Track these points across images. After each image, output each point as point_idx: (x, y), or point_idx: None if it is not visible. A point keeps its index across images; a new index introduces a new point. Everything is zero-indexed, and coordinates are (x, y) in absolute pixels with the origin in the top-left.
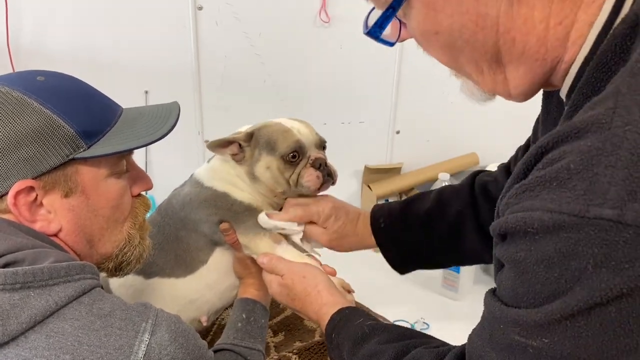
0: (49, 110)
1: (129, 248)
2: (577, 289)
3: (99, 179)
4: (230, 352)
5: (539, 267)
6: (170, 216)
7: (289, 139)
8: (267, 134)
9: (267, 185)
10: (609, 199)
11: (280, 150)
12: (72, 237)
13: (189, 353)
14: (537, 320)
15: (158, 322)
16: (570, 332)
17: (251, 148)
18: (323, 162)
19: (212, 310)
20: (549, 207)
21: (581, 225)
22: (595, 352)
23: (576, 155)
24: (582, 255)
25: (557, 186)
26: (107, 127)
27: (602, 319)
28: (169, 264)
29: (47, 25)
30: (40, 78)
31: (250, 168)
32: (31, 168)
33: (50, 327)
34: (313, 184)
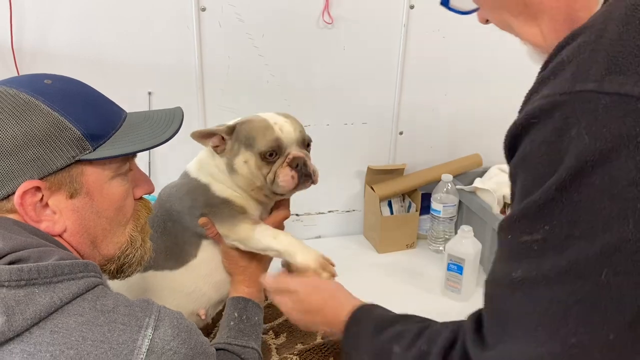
0: (56, 113)
1: (131, 250)
2: (566, 159)
3: (103, 181)
4: (225, 351)
5: (539, 151)
6: (157, 208)
7: (268, 136)
8: (248, 129)
9: (245, 179)
10: (591, 74)
11: (258, 147)
12: (76, 238)
13: (192, 348)
14: (538, 203)
15: (161, 318)
16: (565, 209)
17: (232, 141)
18: (301, 161)
19: (210, 303)
20: (545, 94)
21: (570, 100)
22: (587, 227)
23: (569, 51)
24: (571, 126)
25: (553, 78)
26: (112, 130)
27: (589, 186)
28: (160, 257)
29: (50, 26)
30: (48, 81)
31: (230, 161)
32: (38, 169)
33: (54, 322)
34: (287, 184)
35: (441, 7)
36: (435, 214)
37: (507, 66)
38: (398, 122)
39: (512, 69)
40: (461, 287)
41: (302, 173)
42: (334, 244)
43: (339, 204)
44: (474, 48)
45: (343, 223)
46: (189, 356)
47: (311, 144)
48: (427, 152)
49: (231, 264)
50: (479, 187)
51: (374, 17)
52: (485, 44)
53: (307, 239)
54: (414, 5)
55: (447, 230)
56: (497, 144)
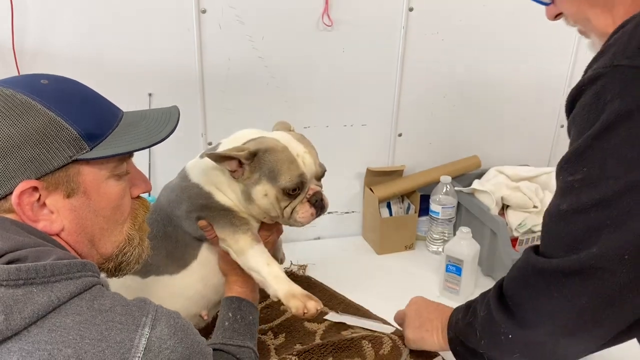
0: (52, 113)
1: (129, 249)
2: (602, 116)
3: (100, 180)
4: (220, 351)
5: (584, 111)
6: (158, 212)
7: (294, 171)
8: (272, 161)
9: (261, 210)
10: (626, 53)
11: (282, 183)
12: (73, 237)
13: (188, 347)
14: (578, 150)
15: (158, 317)
16: (598, 155)
17: (251, 169)
18: (319, 197)
19: (211, 304)
20: (594, 67)
21: (609, 73)
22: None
23: (616, 37)
24: (607, 91)
25: (601, 56)
26: (109, 130)
27: (616, 137)
28: (161, 261)
29: (51, 27)
30: (44, 81)
31: (247, 188)
32: (35, 169)
33: (52, 321)
34: (306, 221)
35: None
36: (434, 215)
37: (504, 70)
38: (397, 124)
39: (510, 73)
40: (459, 288)
41: (320, 207)
42: (332, 245)
43: (338, 205)
44: (472, 51)
45: (342, 224)
46: (186, 355)
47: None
48: (426, 153)
49: (226, 265)
50: (478, 188)
51: (374, 19)
52: (483, 48)
53: (306, 240)
54: (413, 8)
55: (445, 232)
56: (495, 146)
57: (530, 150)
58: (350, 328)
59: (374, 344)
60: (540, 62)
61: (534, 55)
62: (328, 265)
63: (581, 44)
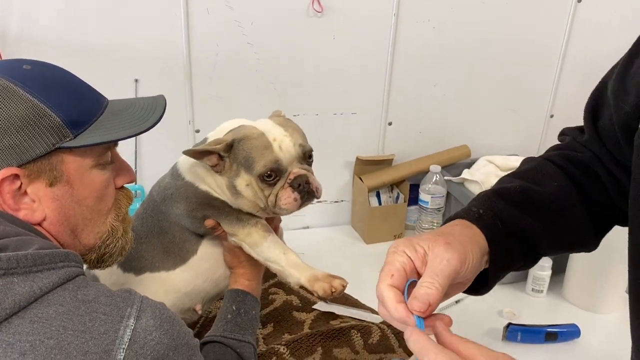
0: (35, 99)
1: (112, 240)
2: None
3: (83, 170)
4: (220, 344)
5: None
6: (152, 208)
7: (267, 157)
8: (246, 149)
9: (249, 202)
10: None
11: (257, 169)
12: (55, 227)
13: (174, 339)
14: None
15: (143, 308)
16: None
17: (230, 160)
18: (303, 180)
19: (207, 298)
20: None
21: None
22: None
23: None
24: None
25: None
26: (93, 118)
27: None
28: (157, 257)
29: (36, 12)
30: (27, 67)
31: (231, 182)
32: (17, 156)
33: (34, 312)
34: (290, 207)
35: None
36: (423, 204)
37: (496, 58)
38: (387, 113)
39: (501, 60)
40: None
41: (305, 191)
42: (321, 234)
43: (327, 195)
44: (463, 39)
45: (331, 213)
46: (172, 347)
47: (313, 155)
48: (416, 143)
49: (233, 258)
50: (467, 178)
51: (364, 6)
52: (475, 36)
53: (295, 229)
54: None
55: (434, 221)
56: (485, 135)
57: (520, 140)
58: (339, 317)
59: (362, 334)
60: (530, 54)
61: (525, 46)
62: (316, 255)
63: (572, 35)
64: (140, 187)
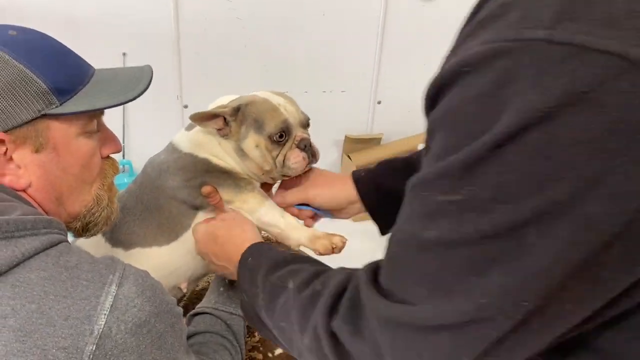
0: (21, 65)
1: (97, 209)
2: (504, 116)
3: (70, 137)
4: (211, 315)
5: (471, 104)
6: (146, 185)
7: (277, 118)
8: (255, 112)
9: (256, 163)
10: (542, 20)
11: (267, 130)
12: (41, 194)
13: (157, 306)
14: (465, 162)
15: (125, 275)
16: (495, 170)
17: (237, 124)
18: (308, 142)
19: (194, 276)
20: (485, 39)
21: (516, 49)
22: (516, 189)
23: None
24: (515, 78)
25: (493, 21)
26: (79, 86)
27: (526, 146)
28: (150, 233)
29: None
30: (12, 32)
31: (238, 144)
32: (2, 121)
33: (15, 277)
34: (299, 166)
35: None
36: None
37: None
38: (377, 91)
39: None
40: None
41: (310, 153)
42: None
43: None
44: (455, 17)
45: None
46: (154, 314)
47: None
48: (405, 122)
49: None
50: None
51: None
52: (467, 10)
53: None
54: None
55: None
56: None
57: None
58: None
59: None
60: None
61: None
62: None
63: None
64: (129, 162)
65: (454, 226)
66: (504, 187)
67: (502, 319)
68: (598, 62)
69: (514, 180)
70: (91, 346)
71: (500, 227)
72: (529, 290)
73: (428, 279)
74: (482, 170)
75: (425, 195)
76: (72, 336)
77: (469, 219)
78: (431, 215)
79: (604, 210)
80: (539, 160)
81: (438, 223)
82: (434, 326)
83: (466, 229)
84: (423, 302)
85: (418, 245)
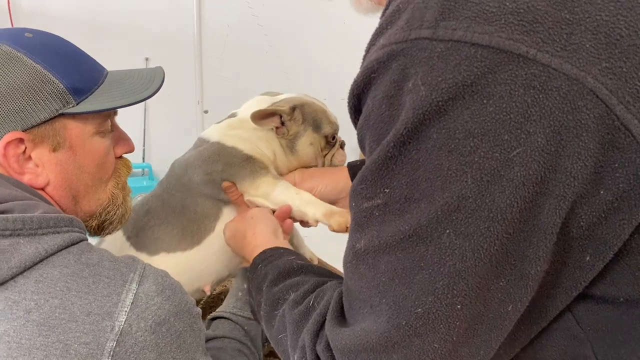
0: (39, 65)
1: (112, 207)
2: (403, 113)
3: (85, 136)
4: (228, 320)
5: (381, 107)
6: (172, 185)
7: (331, 120)
8: (313, 112)
9: (304, 160)
10: (425, 21)
11: (324, 130)
12: (58, 192)
13: (176, 305)
14: (377, 163)
15: (146, 274)
16: (404, 168)
17: (294, 122)
18: (344, 144)
19: (217, 279)
20: (382, 44)
21: (406, 49)
22: (426, 186)
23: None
24: (409, 76)
25: (390, 27)
26: (94, 86)
27: (427, 141)
28: (175, 238)
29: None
30: (29, 35)
31: (291, 142)
32: (21, 120)
33: (39, 272)
34: (343, 164)
35: None
36: None
37: None
38: None
39: None
40: None
41: None
42: None
43: None
44: None
45: None
46: (173, 313)
47: None
48: None
49: None
50: None
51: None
52: None
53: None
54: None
55: None
56: None
57: None
58: None
59: None
60: None
61: None
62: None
63: None
64: (148, 165)
65: (378, 232)
66: (415, 185)
67: (444, 328)
68: (477, 56)
69: (422, 176)
70: (112, 342)
71: (417, 226)
72: (458, 292)
73: (364, 294)
74: (393, 170)
75: (354, 205)
76: (93, 332)
77: (390, 221)
78: (361, 225)
79: (508, 202)
80: (441, 154)
81: (366, 232)
82: (382, 346)
83: (388, 232)
84: (365, 320)
85: (353, 259)
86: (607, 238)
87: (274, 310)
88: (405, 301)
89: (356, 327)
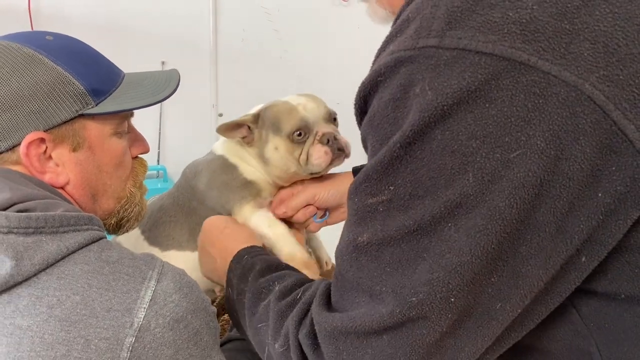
0: (60, 67)
1: (130, 205)
2: (410, 115)
3: (104, 137)
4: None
5: (386, 109)
6: (183, 186)
7: (293, 117)
8: (272, 114)
9: (279, 168)
10: (433, 30)
11: (285, 130)
12: (78, 191)
13: (193, 303)
14: (383, 162)
15: (164, 272)
16: (409, 167)
17: (259, 130)
18: (331, 136)
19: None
20: (392, 50)
21: (414, 56)
22: (430, 184)
23: (413, 7)
24: (416, 82)
25: (399, 35)
26: (112, 87)
27: (431, 142)
28: (184, 238)
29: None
30: (49, 37)
31: (261, 150)
32: (43, 120)
33: (61, 269)
34: (322, 161)
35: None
36: None
37: None
38: None
39: None
40: None
41: (335, 147)
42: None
43: None
44: None
45: None
46: (190, 310)
47: (337, 119)
48: None
49: None
50: None
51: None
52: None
53: None
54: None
55: None
56: None
57: None
58: None
59: None
60: None
61: None
62: None
63: None
64: (163, 168)
65: (382, 226)
66: (420, 183)
67: (435, 318)
68: (481, 63)
69: (426, 175)
70: (131, 338)
71: (421, 221)
72: (453, 285)
73: (364, 284)
74: (398, 168)
75: (356, 201)
76: (113, 327)
77: (395, 216)
78: (363, 219)
79: (507, 201)
80: (445, 155)
81: (369, 225)
82: (373, 330)
83: (392, 226)
84: (361, 307)
85: (354, 251)
86: (603, 239)
87: (259, 300)
88: (403, 290)
89: (350, 312)
